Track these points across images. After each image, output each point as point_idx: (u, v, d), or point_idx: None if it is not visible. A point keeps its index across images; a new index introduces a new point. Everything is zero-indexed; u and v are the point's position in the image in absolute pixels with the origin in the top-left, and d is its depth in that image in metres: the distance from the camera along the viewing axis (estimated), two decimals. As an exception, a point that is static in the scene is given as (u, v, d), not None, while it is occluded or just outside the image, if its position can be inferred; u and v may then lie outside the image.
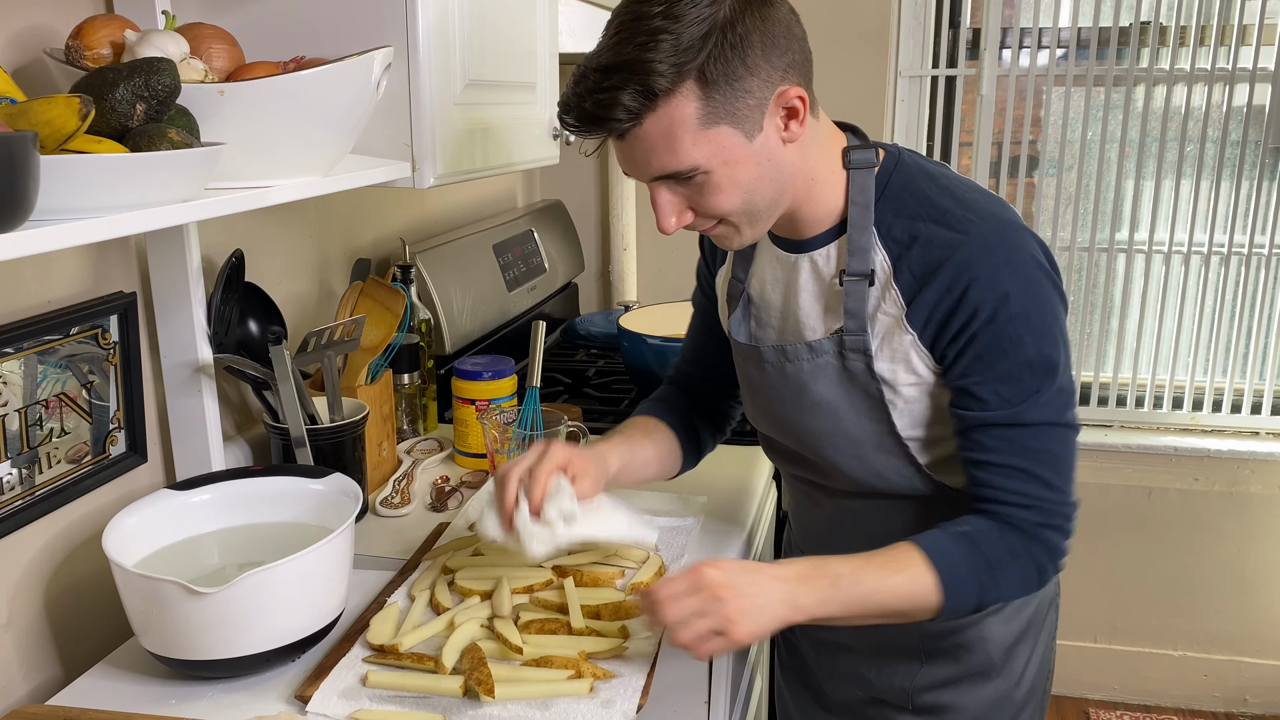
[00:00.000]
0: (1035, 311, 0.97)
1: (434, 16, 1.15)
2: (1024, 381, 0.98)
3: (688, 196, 0.98)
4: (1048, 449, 1.00)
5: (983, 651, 1.16)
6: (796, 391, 1.10)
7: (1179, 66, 2.37)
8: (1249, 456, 2.48)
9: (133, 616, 1.01)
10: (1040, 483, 1.00)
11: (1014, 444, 0.99)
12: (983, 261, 0.97)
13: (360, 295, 1.55)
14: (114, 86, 0.82)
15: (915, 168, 1.04)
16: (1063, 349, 1.00)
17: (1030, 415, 0.99)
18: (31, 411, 1.08)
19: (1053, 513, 1.01)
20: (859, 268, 1.02)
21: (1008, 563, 1.00)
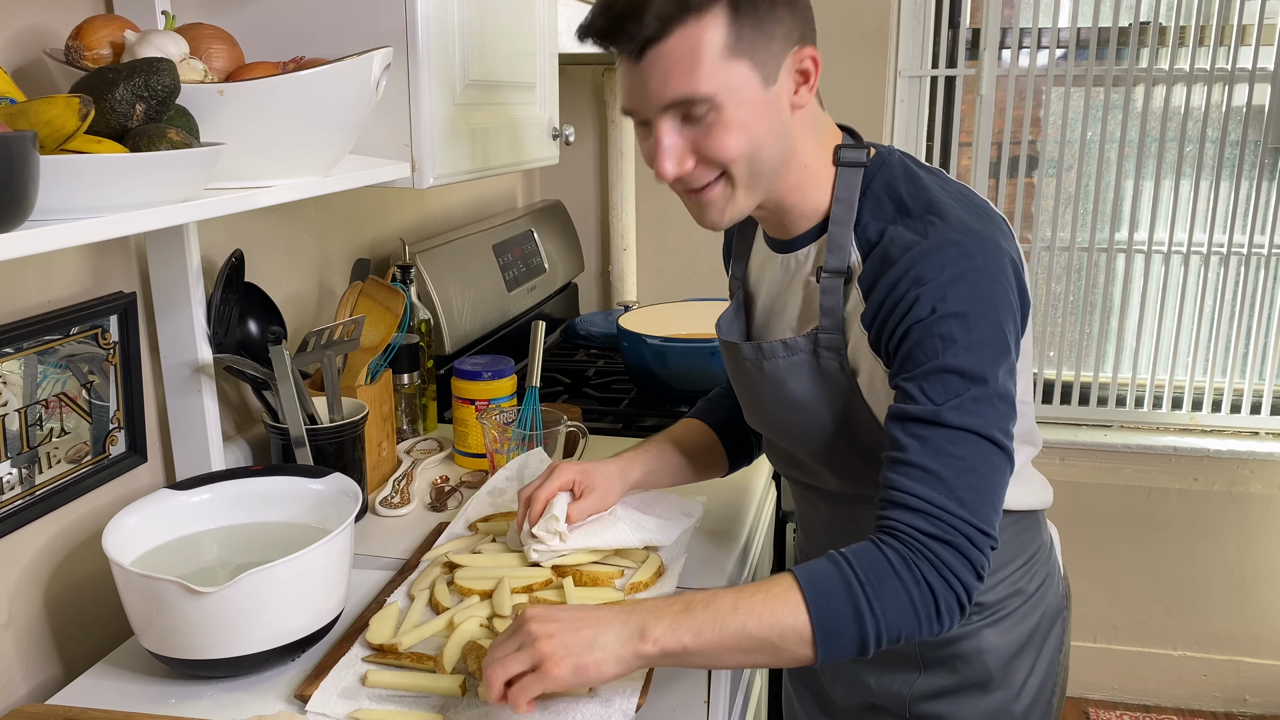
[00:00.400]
0: (976, 317, 0.92)
1: (433, 17, 1.15)
2: (950, 383, 0.92)
3: (693, 140, 0.95)
4: (965, 459, 0.91)
5: (980, 663, 1.14)
6: (775, 388, 1.10)
7: (1178, 66, 2.37)
8: (1249, 456, 2.48)
9: (132, 616, 1.01)
10: (944, 492, 0.90)
11: (928, 444, 0.91)
12: (929, 262, 0.93)
13: (360, 295, 1.56)
14: (114, 86, 0.82)
15: (900, 169, 1.03)
16: (1003, 365, 0.94)
17: (952, 418, 0.91)
18: (31, 411, 1.08)
19: (951, 528, 0.89)
20: (836, 265, 1.01)
21: (887, 580, 0.88)
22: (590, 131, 2.63)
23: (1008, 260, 0.97)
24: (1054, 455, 2.56)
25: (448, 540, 1.28)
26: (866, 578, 0.89)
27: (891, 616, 0.88)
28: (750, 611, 0.88)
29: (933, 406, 0.92)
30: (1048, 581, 1.19)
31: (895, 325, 0.95)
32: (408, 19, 1.13)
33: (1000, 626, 1.14)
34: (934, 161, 2.54)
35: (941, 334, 0.92)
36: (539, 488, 1.17)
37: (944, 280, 0.93)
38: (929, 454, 0.91)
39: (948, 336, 0.92)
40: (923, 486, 0.91)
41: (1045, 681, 1.20)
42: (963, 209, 0.99)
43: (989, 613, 1.14)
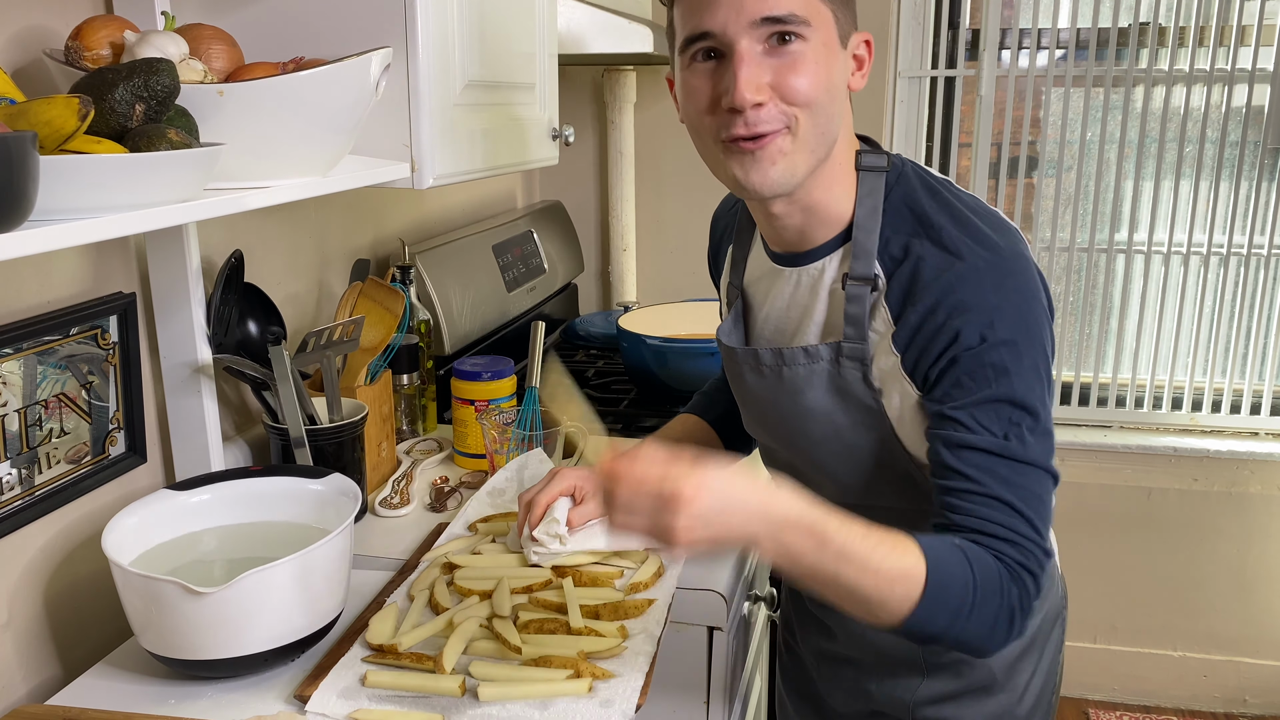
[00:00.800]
0: (1024, 345, 0.93)
1: (433, 17, 1.15)
2: (1006, 415, 0.93)
3: (774, 71, 0.92)
4: (1031, 489, 0.93)
5: (984, 666, 1.14)
6: (791, 397, 1.07)
7: (1178, 67, 2.37)
8: (1248, 457, 2.48)
9: (132, 616, 1.01)
10: (1024, 520, 0.93)
11: (998, 476, 0.92)
12: (971, 287, 0.93)
13: (360, 296, 1.56)
14: (113, 87, 0.82)
15: (917, 180, 1.02)
16: (1047, 391, 0.95)
17: (1017, 451, 0.93)
18: (31, 412, 1.08)
19: (1032, 555, 0.93)
20: (863, 271, 0.98)
21: (993, 593, 0.91)
22: (590, 132, 2.63)
23: (1036, 275, 0.97)
24: (1055, 456, 2.56)
25: (447, 541, 1.29)
26: (983, 581, 0.90)
27: (974, 628, 0.91)
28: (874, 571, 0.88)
29: (997, 440, 0.93)
30: (1049, 588, 1.18)
31: (940, 353, 0.94)
32: (407, 19, 1.13)
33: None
34: (934, 163, 2.54)
35: (994, 363, 0.92)
36: (540, 492, 1.18)
37: (989, 306, 0.92)
38: (1002, 486, 0.92)
39: (1000, 366, 0.92)
40: (1007, 518, 0.92)
41: (1047, 682, 1.20)
42: (986, 224, 0.97)
43: None
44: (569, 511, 1.18)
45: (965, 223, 0.97)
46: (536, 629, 1.06)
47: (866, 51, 0.99)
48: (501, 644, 1.03)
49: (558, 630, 1.06)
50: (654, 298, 2.65)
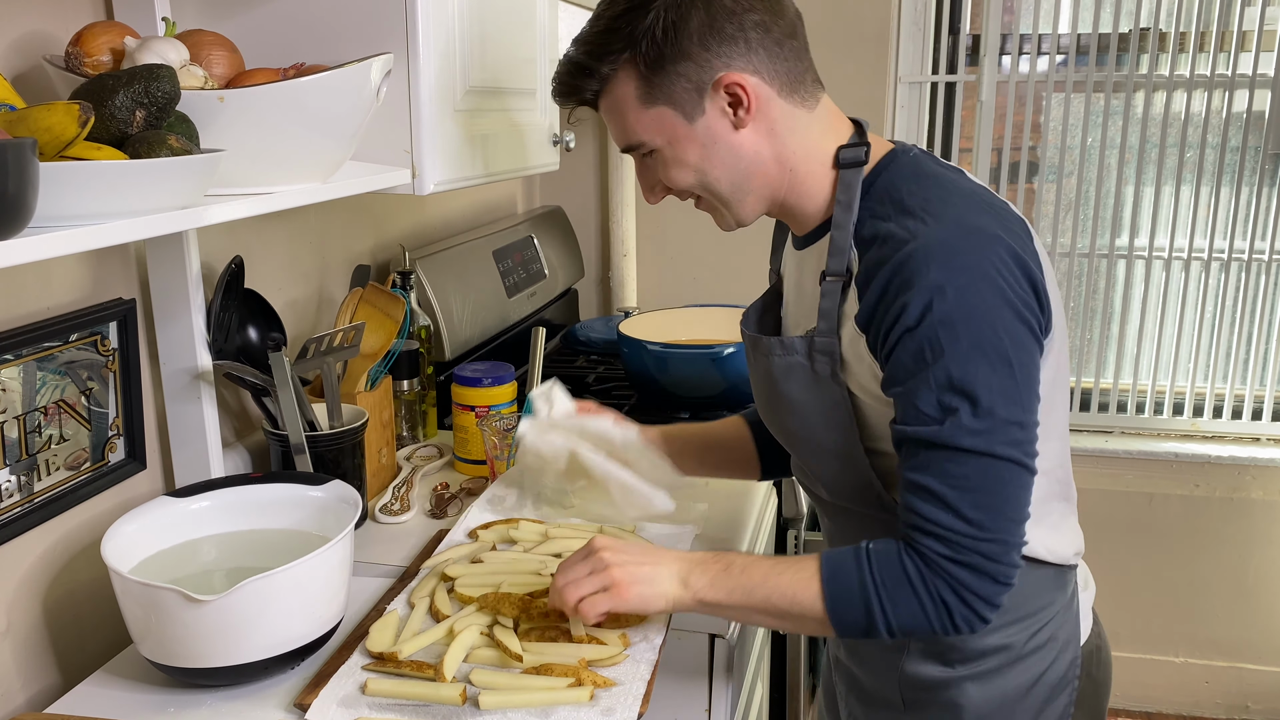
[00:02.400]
0: (964, 323, 0.89)
1: (434, 23, 1.15)
2: (942, 399, 0.90)
3: (653, 170, 1.04)
4: (969, 479, 0.91)
5: (956, 717, 1.07)
6: (770, 386, 1.09)
7: (1179, 72, 2.37)
8: (1250, 462, 2.47)
9: (131, 624, 1.01)
10: (953, 513, 0.91)
11: (931, 466, 0.92)
12: (919, 262, 0.90)
13: (360, 302, 1.55)
14: (113, 93, 0.82)
15: (908, 167, 1.00)
16: (1002, 369, 0.90)
17: (951, 438, 0.90)
18: (30, 418, 1.08)
19: (965, 548, 0.91)
20: (836, 268, 0.99)
21: (900, 586, 0.93)
22: (590, 137, 2.63)
23: (1009, 260, 0.92)
24: (1055, 461, 2.56)
25: (448, 548, 1.28)
26: (882, 580, 0.94)
27: (903, 619, 0.94)
28: (775, 588, 0.98)
29: (931, 428, 0.91)
30: (1051, 644, 1.08)
31: (887, 331, 0.93)
32: (408, 25, 1.13)
33: (986, 683, 1.07)
34: (934, 167, 2.53)
35: (930, 343, 0.90)
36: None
37: (930, 284, 0.90)
38: (934, 476, 0.92)
39: (936, 346, 0.90)
40: (932, 509, 0.92)
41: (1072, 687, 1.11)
42: (967, 207, 0.95)
43: (974, 664, 1.07)
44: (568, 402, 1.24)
45: (935, 205, 0.95)
46: (538, 637, 1.06)
47: (742, 90, 0.97)
48: (502, 652, 1.03)
49: (559, 638, 1.06)
50: (654, 303, 2.64)
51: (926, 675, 1.08)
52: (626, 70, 0.99)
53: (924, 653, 1.08)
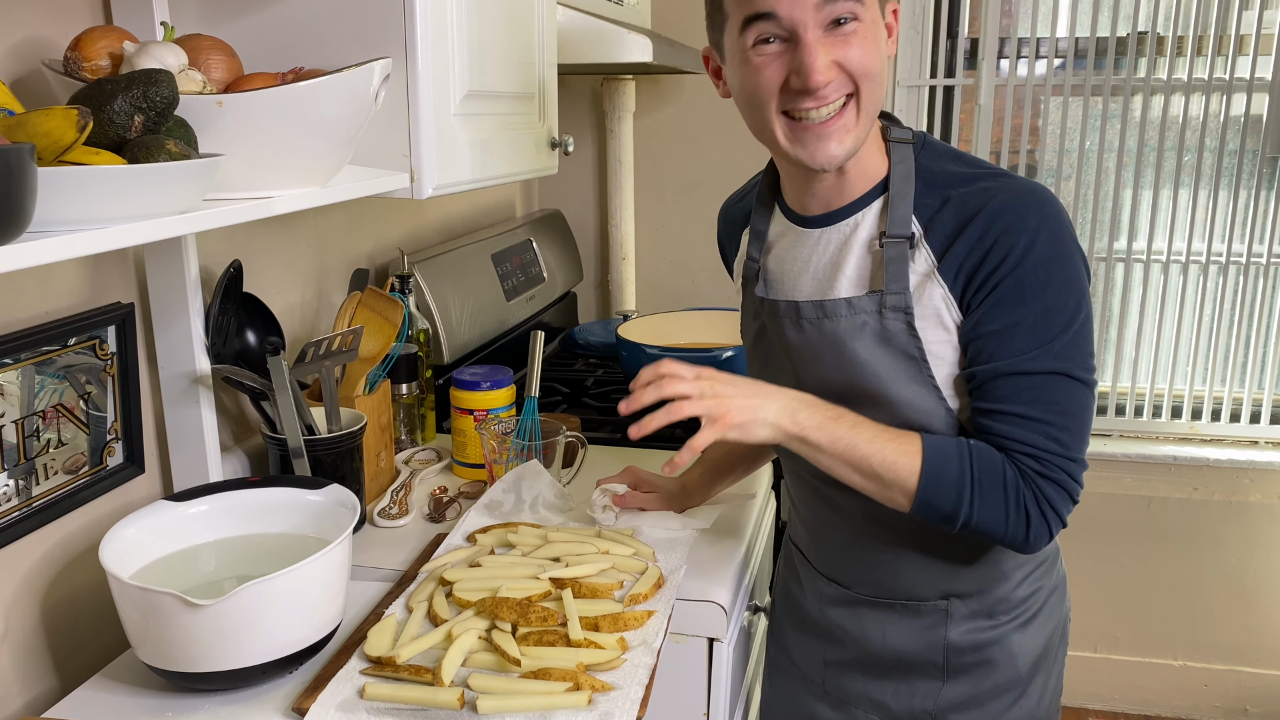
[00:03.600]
0: (1058, 261, 1.00)
1: (432, 28, 1.15)
2: (1038, 329, 1.00)
3: (835, 49, 1.00)
4: (1055, 400, 1.01)
5: (1010, 666, 1.15)
6: (835, 349, 1.10)
7: (1176, 76, 2.37)
8: (1248, 465, 2.47)
9: (129, 628, 1.01)
10: (1044, 433, 1.01)
11: (1021, 392, 1.01)
12: (1013, 211, 1.00)
13: (358, 305, 1.55)
14: (112, 98, 0.82)
15: (942, 148, 1.10)
16: (1084, 305, 1.02)
17: (1038, 364, 1.00)
18: (29, 422, 1.08)
19: (1054, 465, 1.01)
20: (900, 230, 1.05)
21: (995, 488, 1.01)
22: (589, 141, 2.63)
23: (1063, 210, 1.04)
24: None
25: (446, 552, 1.28)
26: (979, 476, 1.02)
27: (985, 516, 1.02)
28: (878, 451, 1.03)
29: (1019, 358, 1.00)
30: (1060, 586, 1.22)
31: (987, 275, 1.00)
32: (406, 30, 1.13)
33: (1027, 629, 1.16)
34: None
35: (1031, 282, 0.99)
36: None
37: (1031, 227, 0.99)
38: (1023, 402, 1.01)
39: (1037, 283, 0.99)
40: (1027, 432, 1.01)
41: (1056, 689, 1.22)
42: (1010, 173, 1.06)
43: (1016, 613, 1.16)
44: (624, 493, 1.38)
45: (989, 169, 1.06)
46: (536, 641, 1.06)
47: (894, 19, 1.06)
48: (501, 656, 1.03)
49: (557, 642, 1.06)
50: (653, 306, 2.64)
51: (974, 638, 1.15)
52: None
53: (970, 615, 1.15)
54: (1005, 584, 1.15)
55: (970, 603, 1.15)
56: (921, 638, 1.17)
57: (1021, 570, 1.16)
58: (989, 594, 1.15)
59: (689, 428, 1.07)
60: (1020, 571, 1.15)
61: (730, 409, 1.02)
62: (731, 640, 1.25)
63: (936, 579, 1.16)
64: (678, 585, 1.20)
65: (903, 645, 1.18)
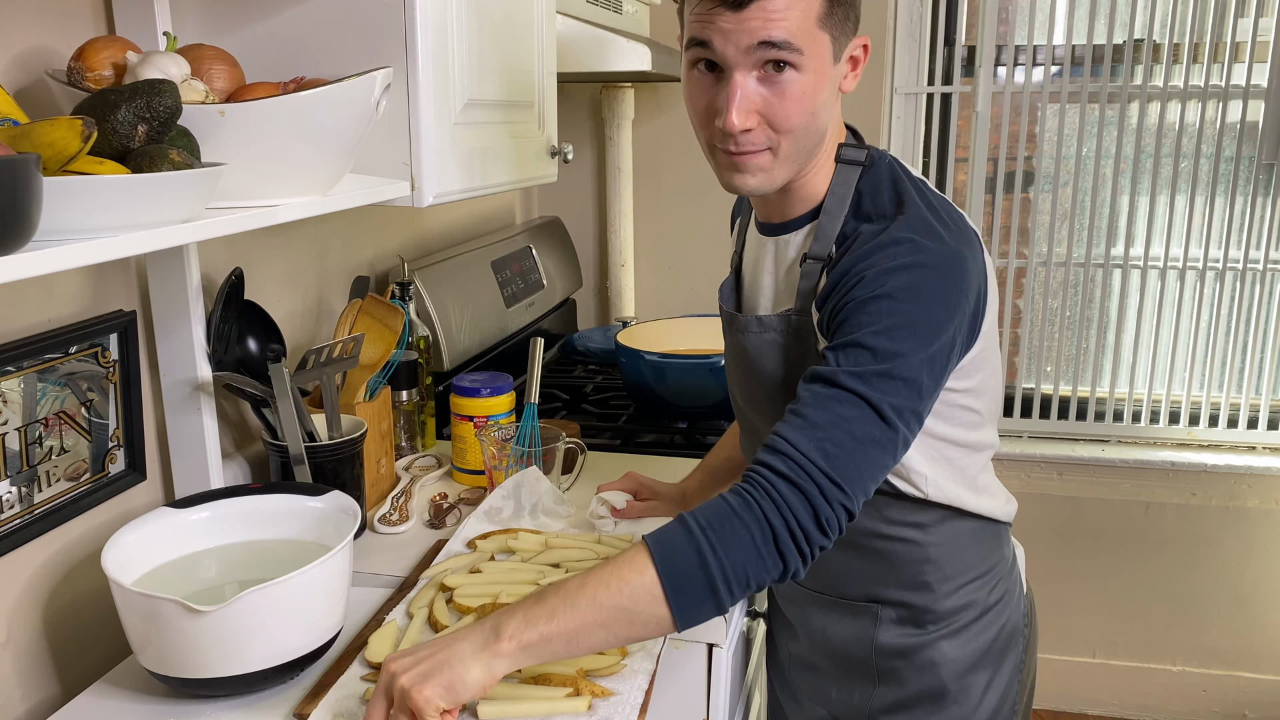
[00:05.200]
0: (904, 303, 0.94)
1: (433, 37, 1.16)
2: (860, 355, 0.93)
3: (765, 99, 0.97)
4: (845, 420, 0.91)
5: (934, 675, 1.16)
6: (745, 359, 1.14)
7: (1172, 83, 2.38)
8: (1245, 471, 2.48)
9: (131, 635, 1.01)
10: (811, 441, 0.91)
11: (817, 398, 0.93)
12: (882, 253, 0.97)
13: (359, 313, 1.56)
14: (116, 108, 0.83)
15: (887, 173, 1.06)
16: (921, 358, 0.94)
17: (850, 381, 0.92)
18: (31, 430, 1.08)
19: (804, 473, 0.89)
20: (819, 252, 1.05)
21: (727, 522, 0.89)
22: (589, 148, 2.64)
23: (962, 265, 0.99)
24: (1051, 470, 2.57)
25: (446, 558, 1.29)
26: (708, 523, 0.89)
27: (735, 557, 0.88)
28: (599, 582, 0.89)
29: (835, 368, 0.94)
30: (1007, 597, 1.20)
31: (837, 302, 0.98)
32: (407, 39, 1.14)
33: (957, 639, 1.16)
34: (930, 177, 2.55)
35: (869, 311, 0.95)
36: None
37: (888, 268, 0.96)
38: (813, 406, 0.93)
39: (874, 314, 0.95)
40: (795, 433, 0.92)
41: (1004, 699, 1.20)
42: (932, 215, 1.02)
43: (945, 624, 1.16)
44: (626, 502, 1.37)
45: (909, 206, 1.01)
46: (536, 646, 1.06)
47: (863, 54, 1.03)
48: (501, 662, 1.03)
49: (557, 648, 1.06)
50: (652, 313, 2.65)
51: (902, 642, 1.16)
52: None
53: (897, 620, 1.16)
54: (929, 595, 1.15)
55: (897, 609, 1.16)
56: (855, 638, 1.19)
57: (949, 584, 1.15)
58: (913, 603, 1.15)
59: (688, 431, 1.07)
60: (947, 585, 1.15)
61: (409, 688, 0.87)
62: (731, 646, 1.26)
63: (863, 581, 1.18)
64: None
65: (840, 643, 1.21)
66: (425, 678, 0.87)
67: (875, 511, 1.11)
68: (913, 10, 2.45)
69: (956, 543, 1.13)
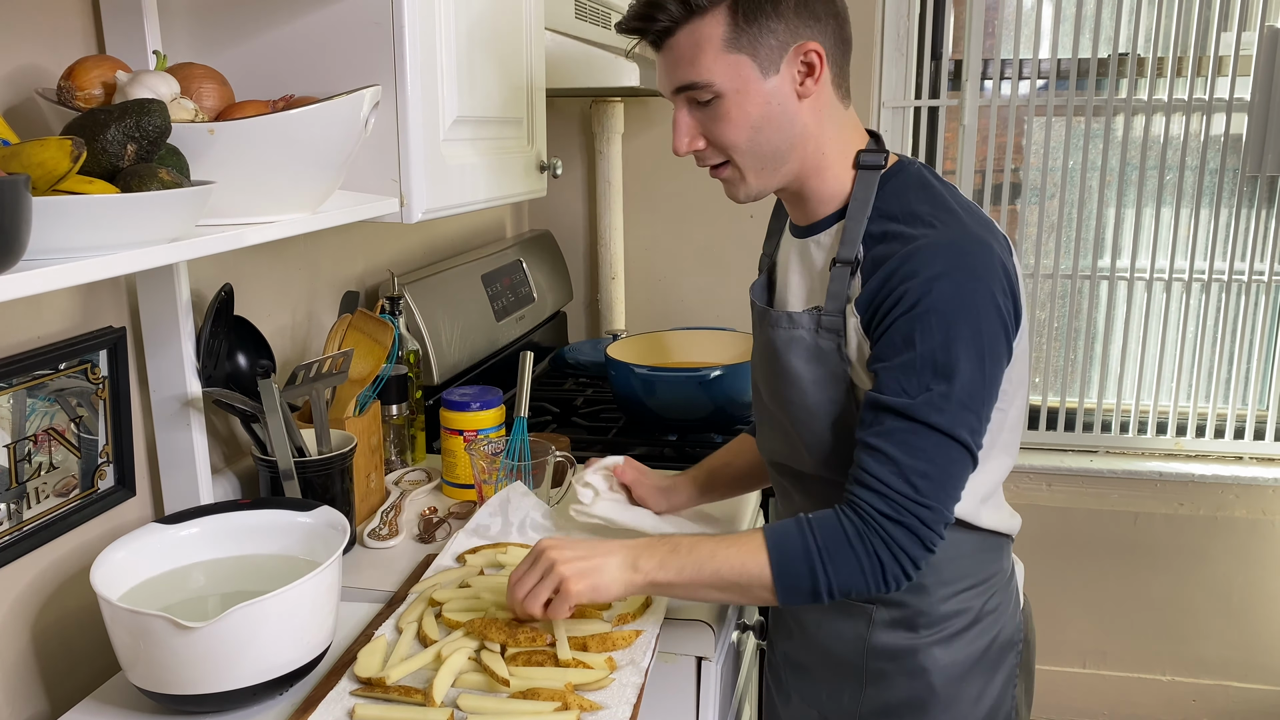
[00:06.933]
0: (956, 314, 1.00)
1: (421, 55, 1.17)
2: (922, 376, 1.00)
3: (702, 123, 1.07)
4: (924, 448, 1.01)
5: (924, 680, 1.16)
6: (772, 355, 1.16)
7: (1157, 97, 2.41)
8: (1233, 481, 2.50)
9: (120, 651, 1.01)
10: (902, 478, 1.01)
11: (894, 434, 1.01)
12: (923, 257, 1.01)
13: (349, 328, 1.56)
14: (105, 128, 0.83)
15: (914, 177, 1.10)
16: (976, 364, 1.01)
17: (922, 413, 1.00)
18: (20, 446, 1.08)
19: (905, 509, 1.01)
20: (846, 255, 1.08)
21: (841, 549, 1.01)
22: (579, 162, 2.65)
23: (999, 267, 1.03)
24: (1040, 481, 2.58)
25: (436, 573, 1.29)
26: (824, 544, 1.02)
27: (842, 578, 1.02)
28: (724, 561, 1.04)
29: (906, 400, 1.01)
30: (1001, 607, 1.20)
31: (885, 314, 1.03)
32: (396, 57, 1.14)
33: (949, 645, 1.16)
34: (918, 190, 2.56)
35: (921, 327, 1.00)
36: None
37: (932, 275, 1.00)
38: (894, 443, 1.01)
39: (927, 330, 1.00)
40: (884, 470, 1.01)
41: (995, 710, 1.20)
42: (967, 219, 1.06)
43: (938, 628, 1.16)
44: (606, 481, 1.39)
45: (942, 211, 1.06)
46: (524, 661, 1.07)
47: (817, 59, 1.05)
48: (490, 676, 1.03)
49: (545, 662, 1.07)
50: (642, 326, 2.66)
51: (894, 644, 1.17)
52: (721, 11, 1.03)
53: (891, 623, 1.17)
54: (925, 598, 1.15)
55: (892, 610, 1.17)
56: (848, 638, 1.20)
57: (946, 588, 1.16)
58: (908, 605, 1.16)
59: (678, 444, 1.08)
60: (944, 589, 1.15)
61: (569, 577, 1.05)
62: (720, 659, 1.26)
63: None
64: (666, 604, 1.21)
65: (832, 643, 1.21)
66: (581, 574, 1.05)
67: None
68: (899, 24, 2.47)
69: (957, 549, 1.14)
